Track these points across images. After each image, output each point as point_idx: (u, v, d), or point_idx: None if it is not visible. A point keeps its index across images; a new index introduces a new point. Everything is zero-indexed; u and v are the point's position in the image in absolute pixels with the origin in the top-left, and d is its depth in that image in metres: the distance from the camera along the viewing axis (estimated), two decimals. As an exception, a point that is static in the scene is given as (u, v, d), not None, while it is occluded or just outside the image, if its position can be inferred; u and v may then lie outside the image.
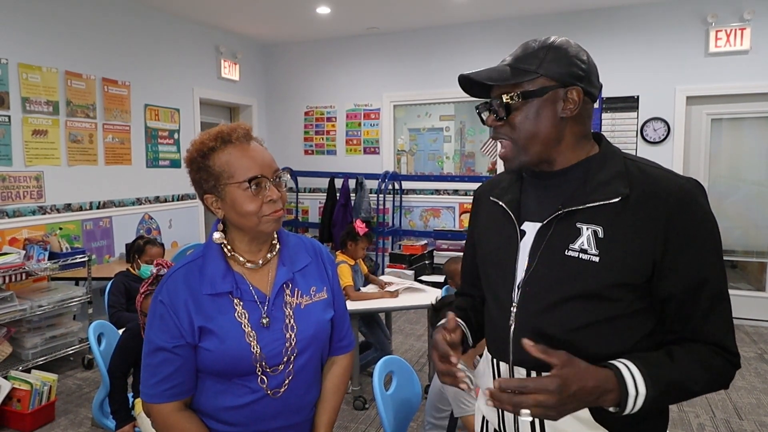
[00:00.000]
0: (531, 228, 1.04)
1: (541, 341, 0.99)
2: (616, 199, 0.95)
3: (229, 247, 1.24)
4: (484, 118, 1.07)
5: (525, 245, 1.04)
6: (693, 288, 0.94)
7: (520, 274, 1.04)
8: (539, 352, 0.90)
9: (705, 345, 0.95)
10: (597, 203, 0.96)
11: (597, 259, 0.95)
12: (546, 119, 0.99)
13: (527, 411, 0.87)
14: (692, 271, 0.94)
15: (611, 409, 0.91)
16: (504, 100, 1.00)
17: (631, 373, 0.89)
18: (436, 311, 2.35)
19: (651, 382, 0.89)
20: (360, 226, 3.48)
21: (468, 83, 1.06)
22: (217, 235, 1.23)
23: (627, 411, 0.89)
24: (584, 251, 0.96)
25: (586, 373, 0.88)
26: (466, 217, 5.62)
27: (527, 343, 0.91)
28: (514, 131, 1.01)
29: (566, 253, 0.98)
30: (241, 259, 1.23)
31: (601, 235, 0.95)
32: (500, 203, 1.11)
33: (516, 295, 1.04)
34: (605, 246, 0.95)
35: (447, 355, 1.01)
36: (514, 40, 5.00)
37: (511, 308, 1.04)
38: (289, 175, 5.73)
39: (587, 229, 0.97)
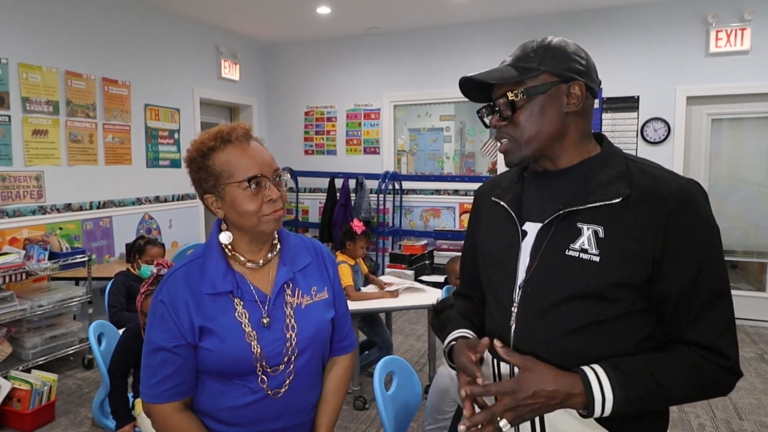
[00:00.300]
0: (532, 228, 1.04)
1: (541, 342, 1.00)
2: (617, 200, 0.95)
3: (230, 246, 1.23)
4: (487, 121, 1.07)
5: (526, 245, 1.04)
6: (689, 288, 0.94)
7: (521, 274, 1.04)
8: (505, 354, 0.96)
9: (694, 349, 0.94)
10: (598, 203, 0.97)
11: (597, 258, 0.95)
12: (551, 115, 1.00)
13: (504, 421, 0.91)
14: (690, 272, 0.93)
15: (581, 411, 0.93)
16: (509, 98, 1.00)
17: (598, 378, 0.91)
18: (437, 313, 2.34)
19: (620, 389, 0.90)
20: (357, 225, 3.48)
21: (468, 87, 1.06)
22: (224, 237, 1.22)
23: (596, 414, 0.90)
24: (585, 251, 0.96)
25: (546, 376, 0.91)
26: (466, 217, 5.62)
27: (497, 343, 0.97)
28: (518, 129, 1.02)
29: (567, 252, 0.98)
30: (241, 258, 1.23)
31: (601, 235, 0.95)
32: (502, 203, 1.11)
33: (517, 295, 1.04)
34: (606, 246, 0.95)
35: (474, 377, 0.99)
36: (514, 40, 5.00)
37: (512, 309, 1.04)
38: (289, 175, 5.73)
39: (588, 229, 0.97)
